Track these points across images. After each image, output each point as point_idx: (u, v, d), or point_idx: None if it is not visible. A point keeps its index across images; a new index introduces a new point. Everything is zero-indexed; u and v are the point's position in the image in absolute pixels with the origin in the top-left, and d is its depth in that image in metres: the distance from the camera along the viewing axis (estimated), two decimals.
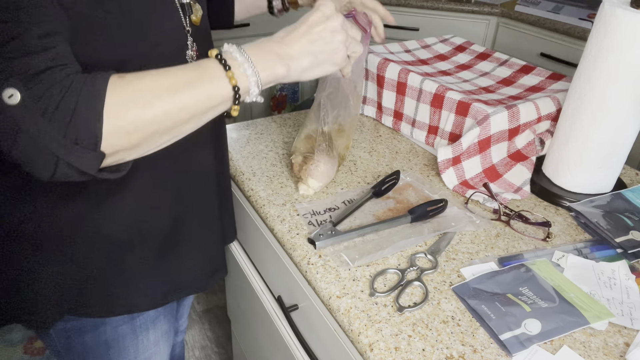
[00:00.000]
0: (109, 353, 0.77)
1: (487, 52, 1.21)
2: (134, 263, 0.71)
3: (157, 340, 0.82)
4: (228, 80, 0.53)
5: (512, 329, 0.61)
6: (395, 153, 1.00)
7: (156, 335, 0.81)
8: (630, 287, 0.69)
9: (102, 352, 0.76)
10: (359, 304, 0.65)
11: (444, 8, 2.17)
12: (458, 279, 0.70)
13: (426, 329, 0.62)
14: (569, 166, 0.86)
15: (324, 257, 0.72)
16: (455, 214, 0.82)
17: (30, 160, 0.47)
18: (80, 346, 0.75)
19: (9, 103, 0.45)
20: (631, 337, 0.63)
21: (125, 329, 0.76)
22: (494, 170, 0.92)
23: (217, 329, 1.78)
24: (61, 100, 0.47)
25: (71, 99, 0.47)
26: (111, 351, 0.77)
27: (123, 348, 0.77)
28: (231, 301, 1.21)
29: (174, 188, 0.71)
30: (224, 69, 0.53)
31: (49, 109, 0.46)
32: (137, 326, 0.77)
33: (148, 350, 0.81)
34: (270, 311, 0.91)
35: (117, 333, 0.75)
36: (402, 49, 1.21)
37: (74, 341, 0.74)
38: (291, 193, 0.86)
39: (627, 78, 0.76)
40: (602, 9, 0.77)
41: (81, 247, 0.66)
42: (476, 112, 0.90)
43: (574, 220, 0.83)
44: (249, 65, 0.54)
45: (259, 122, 1.10)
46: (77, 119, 0.47)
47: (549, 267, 0.72)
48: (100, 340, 0.75)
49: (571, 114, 0.84)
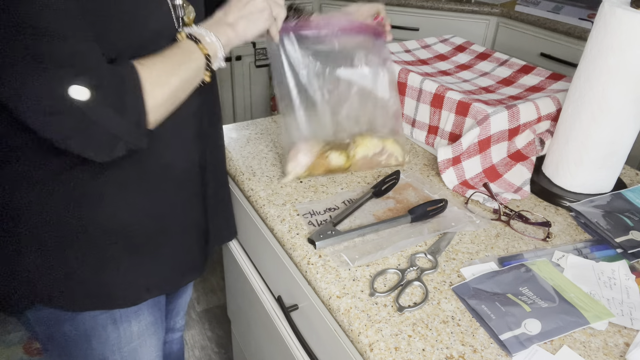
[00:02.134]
0: (90, 343, 0.77)
1: (487, 52, 1.21)
2: (109, 260, 0.72)
3: (141, 332, 0.82)
4: (201, 51, 0.68)
5: (512, 329, 0.61)
6: None
7: (140, 327, 0.81)
8: (630, 287, 0.69)
9: (83, 342, 0.77)
10: (359, 304, 0.65)
11: (444, 8, 2.17)
12: (458, 279, 0.70)
13: (426, 329, 0.62)
14: (569, 166, 0.86)
15: (324, 257, 0.72)
16: (455, 214, 0.82)
17: (95, 146, 0.59)
18: (61, 336, 0.76)
19: (78, 99, 0.54)
20: (631, 337, 0.63)
21: (105, 318, 0.76)
22: (494, 170, 0.92)
23: (217, 329, 1.78)
24: (123, 92, 0.58)
25: (128, 90, 0.59)
26: (93, 341, 0.77)
27: (105, 338, 0.78)
28: (231, 301, 1.21)
29: (153, 188, 0.73)
30: (196, 44, 0.68)
31: (115, 100, 0.57)
32: (118, 317, 0.78)
33: (132, 342, 0.81)
34: (270, 311, 0.91)
35: (97, 322, 0.76)
36: (402, 49, 1.21)
37: (54, 330, 0.76)
38: (291, 193, 0.86)
39: (627, 78, 0.76)
40: (602, 9, 0.77)
41: (59, 241, 0.68)
42: (476, 112, 0.90)
43: (574, 220, 0.83)
44: (210, 36, 0.70)
45: (259, 122, 1.10)
46: (132, 108, 0.59)
47: (549, 267, 0.72)
48: (80, 330, 0.76)
49: (571, 114, 0.84)
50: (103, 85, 0.56)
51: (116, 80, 0.58)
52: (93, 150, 0.59)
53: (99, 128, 0.57)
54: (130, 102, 0.59)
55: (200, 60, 0.68)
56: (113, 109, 0.57)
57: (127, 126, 0.59)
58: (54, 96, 0.53)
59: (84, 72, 0.55)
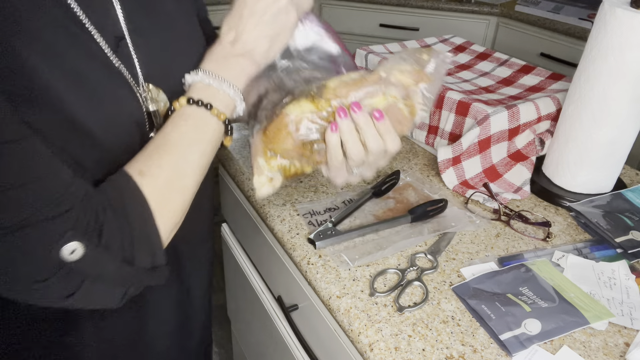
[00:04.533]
0: None
1: (487, 52, 1.21)
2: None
3: None
4: (217, 118, 0.52)
5: (512, 329, 0.61)
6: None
7: None
8: (630, 287, 0.69)
9: None
10: (359, 304, 0.65)
11: (444, 8, 2.18)
12: (458, 279, 0.70)
13: (426, 329, 0.62)
14: (569, 166, 0.86)
15: (324, 257, 0.72)
16: (455, 214, 0.82)
17: (97, 299, 0.46)
18: None
19: (72, 259, 0.42)
20: (631, 337, 0.63)
21: None
22: (494, 170, 0.92)
23: (217, 329, 1.78)
24: (124, 238, 0.45)
25: (126, 229, 0.45)
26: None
27: None
28: (231, 301, 1.21)
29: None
30: (207, 110, 0.51)
31: (115, 248, 0.44)
32: None
33: None
34: (270, 311, 0.91)
35: None
36: (402, 49, 1.21)
37: None
38: (291, 193, 0.86)
39: (627, 78, 0.76)
40: (602, 9, 0.77)
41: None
42: (476, 112, 0.90)
43: (574, 220, 0.83)
44: (227, 85, 0.52)
45: None
46: (140, 245, 0.46)
47: (549, 267, 0.72)
48: None
49: (571, 114, 0.84)
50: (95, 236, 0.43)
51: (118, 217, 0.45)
52: (94, 304, 0.47)
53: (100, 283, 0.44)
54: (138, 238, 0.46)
55: (217, 131, 0.52)
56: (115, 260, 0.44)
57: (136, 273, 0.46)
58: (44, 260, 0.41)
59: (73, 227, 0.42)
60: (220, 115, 0.51)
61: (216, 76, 0.52)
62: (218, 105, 0.52)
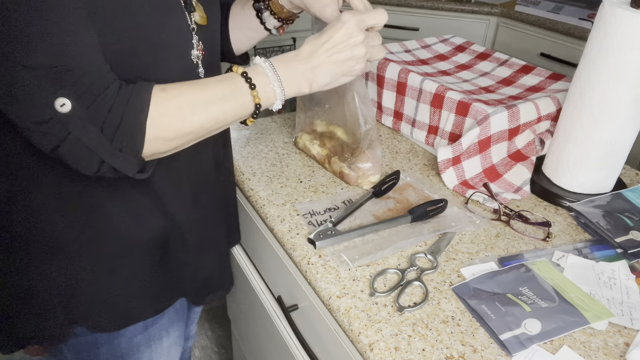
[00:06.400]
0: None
1: (487, 52, 1.21)
2: (136, 272, 0.69)
3: (170, 347, 0.81)
4: (252, 99, 0.59)
5: (512, 329, 0.61)
6: (395, 153, 1.00)
7: (169, 342, 0.80)
8: (630, 287, 0.69)
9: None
10: (359, 304, 0.65)
11: (444, 8, 2.18)
12: (458, 279, 0.70)
13: (426, 329, 0.62)
14: (569, 166, 0.86)
15: (324, 257, 0.72)
16: (455, 214, 0.82)
17: (76, 159, 0.52)
18: (93, 358, 0.73)
19: (61, 111, 0.49)
20: (631, 337, 0.63)
21: (140, 339, 0.75)
22: (494, 170, 0.92)
23: (217, 329, 1.78)
24: (110, 110, 0.51)
25: (119, 111, 0.52)
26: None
27: (136, 358, 0.76)
28: (231, 301, 1.21)
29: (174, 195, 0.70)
30: (250, 88, 0.59)
31: (99, 118, 0.51)
32: (151, 336, 0.76)
33: (161, 358, 0.80)
34: (270, 311, 0.91)
35: (132, 344, 0.74)
36: (402, 49, 1.21)
37: (85, 355, 0.73)
38: (291, 193, 0.86)
39: (627, 78, 0.76)
40: (602, 9, 0.77)
41: (87, 256, 0.65)
42: (476, 112, 0.90)
43: (574, 220, 0.83)
44: (278, 85, 0.60)
45: (259, 122, 1.10)
46: (124, 130, 0.52)
47: (549, 267, 0.72)
48: (116, 352, 0.74)
49: (571, 114, 0.84)
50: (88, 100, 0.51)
51: (118, 100, 0.52)
52: (74, 163, 0.53)
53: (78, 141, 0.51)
54: (125, 124, 0.52)
55: (247, 107, 0.60)
56: (94, 126, 0.51)
57: (110, 148, 0.52)
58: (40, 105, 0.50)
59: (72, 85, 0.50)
60: (256, 97, 0.59)
61: (276, 72, 0.60)
62: (260, 91, 0.59)
